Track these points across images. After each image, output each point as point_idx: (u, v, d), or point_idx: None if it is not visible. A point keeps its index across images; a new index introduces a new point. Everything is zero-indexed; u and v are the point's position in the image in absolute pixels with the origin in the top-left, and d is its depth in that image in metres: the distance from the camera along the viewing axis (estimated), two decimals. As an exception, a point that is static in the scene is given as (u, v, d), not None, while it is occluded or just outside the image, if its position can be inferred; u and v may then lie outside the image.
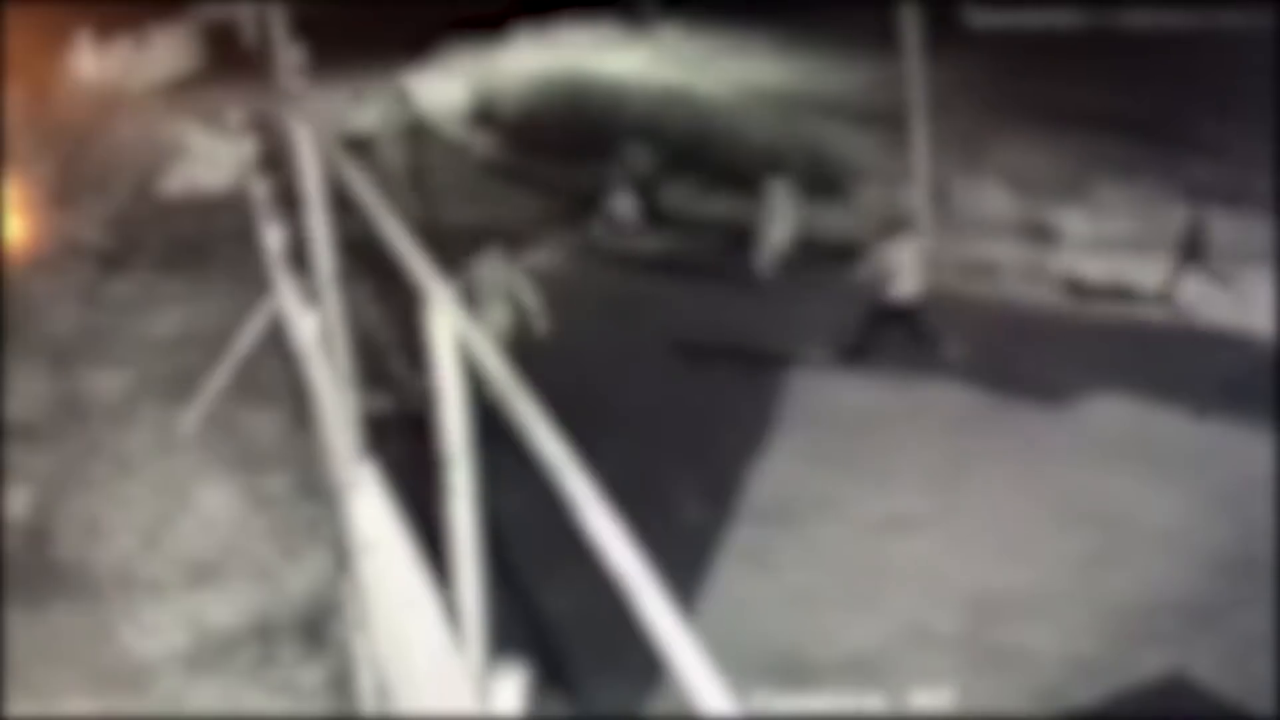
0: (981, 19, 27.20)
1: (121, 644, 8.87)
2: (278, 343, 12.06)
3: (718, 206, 19.89)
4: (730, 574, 10.18)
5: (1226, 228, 16.65)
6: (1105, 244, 17.17)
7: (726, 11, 28.09)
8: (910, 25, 17.54)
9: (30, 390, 12.69)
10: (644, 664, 2.93)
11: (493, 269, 14.27)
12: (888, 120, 19.71)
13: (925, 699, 8.85)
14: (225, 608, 9.14)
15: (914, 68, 17.62)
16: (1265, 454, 11.25)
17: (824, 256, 17.62)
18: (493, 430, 3.80)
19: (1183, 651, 9.22)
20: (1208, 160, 18.90)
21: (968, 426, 12.53)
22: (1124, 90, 21.00)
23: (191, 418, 11.74)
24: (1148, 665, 9.16)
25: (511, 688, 4.28)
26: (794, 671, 9.14)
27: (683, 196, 20.44)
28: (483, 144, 25.11)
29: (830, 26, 25.92)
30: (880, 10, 18.34)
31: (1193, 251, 16.65)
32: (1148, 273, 16.25)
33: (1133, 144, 19.73)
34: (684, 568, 9.64)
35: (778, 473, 11.76)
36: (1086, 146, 19.87)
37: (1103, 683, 9.02)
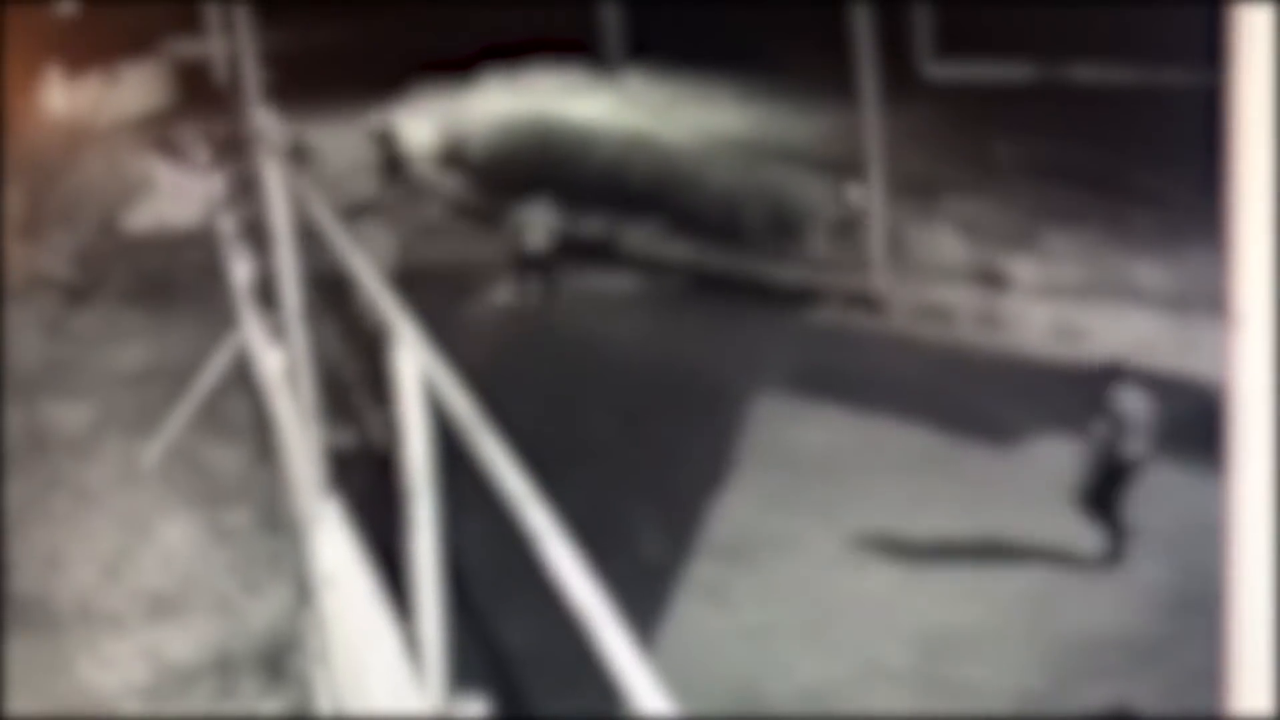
0: (937, 72, 27.53)
1: (80, 677, 8.80)
2: (242, 377, 12.01)
3: (678, 249, 19.96)
4: (688, 609, 10.19)
5: (1168, 274, 16.78)
6: (1053, 289, 17.27)
7: (691, 60, 28.25)
8: (868, 76, 17.64)
9: (-7, 421, 12.60)
10: (603, 696, 2.92)
11: None
12: (845, 168, 19.82)
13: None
14: (185, 641, 9.07)
15: (871, 118, 17.71)
16: (1206, 495, 11.29)
17: (780, 298, 17.68)
18: (456, 461, 3.79)
19: (1126, 685, 9.28)
20: (1150, 209, 19.08)
21: (920, 466, 12.56)
22: (1071, 142, 21.20)
23: (154, 451, 11.66)
24: (1092, 698, 9.22)
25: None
26: (750, 704, 9.15)
27: (645, 239, 20.49)
28: (451, 184, 25.12)
29: (791, 76, 26.11)
30: (839, 61, 18.45)
31: None
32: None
33: (1079, 194, 19.90)
34: (643, 603, 9.62)
35: (735, 510, 11.77)
36: (1035, 195, 20.03)
37: (1050, 715, 9.07)
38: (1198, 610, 9.79)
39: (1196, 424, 12.60)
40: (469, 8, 31.68)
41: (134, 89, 29.58)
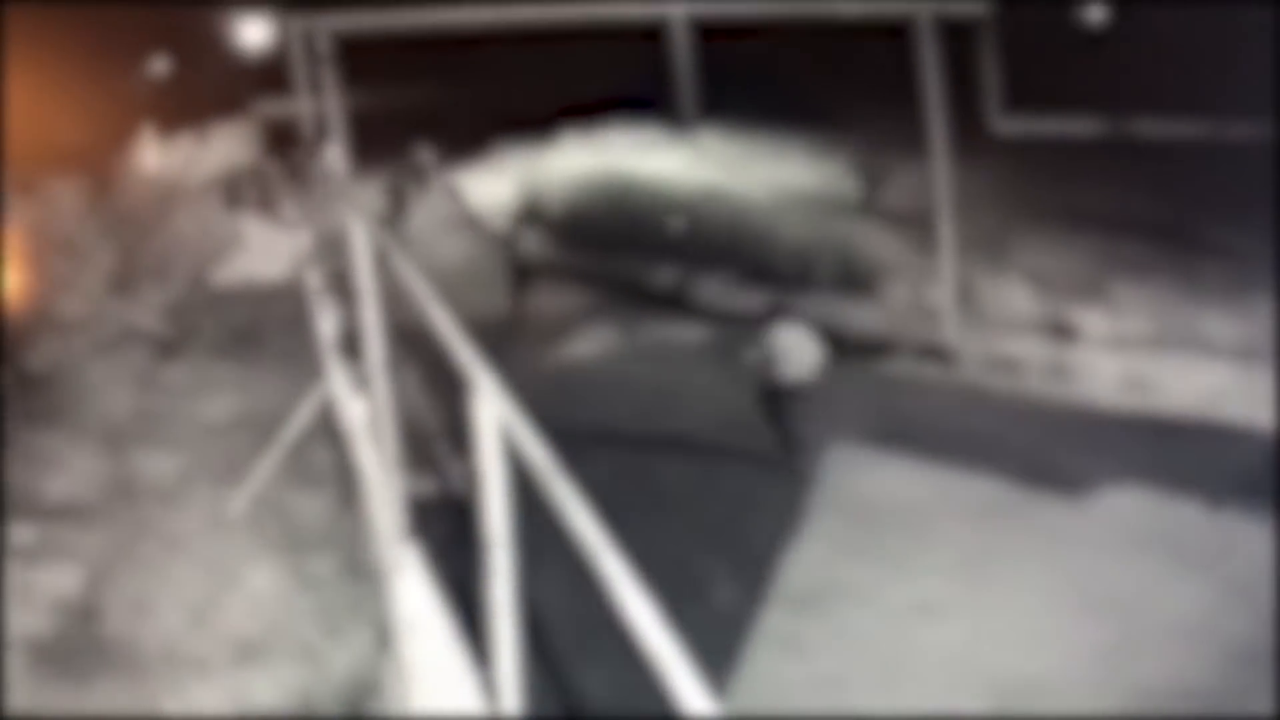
0: (1005, 126, 27.43)
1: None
2: (327, 427, 12.08)
3: (752, 300, 19.96)
4: (761, 658, 10.11)
5: (1237, 326, 16.61)
6: (1122, 341, 17.12)
7: (763, 116, 28.29)
8: (937, 132, 17.59)
9: (84, 471, 12.71)
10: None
11: None
12: (916, 221, 19.78)
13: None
14: (269, 685, 9.09)
15: (941, 172, 17.64)
16: (1276, 547, 11.19)
17: (854, 350, 17.62)
18: (534, 509, 3.78)
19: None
20: (1218, 262, 18.91)
21: (993, 516, 12.43)
22: (1139, 195, 21.05)
23: (241, 500, 11.73)
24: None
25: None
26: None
27: (718, 290, 20.52)
28: (529, 238, 25.26)
29: (861, 132, 26.07)
30: (909, 117, 18.43)
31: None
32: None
33: (1147, 246, 19.76)
34: (717, 650, 9.58)
35: (807, 559, 11.69)
36: (1104, 248, 19.89)
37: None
38: (1271, 661, 9.65)
39: (1267, 474, 12.50)
40: (548, 69, 31.94)
41: (223, 148, 29.95)
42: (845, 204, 23.34)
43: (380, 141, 23.41)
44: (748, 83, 29.23)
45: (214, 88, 29.98)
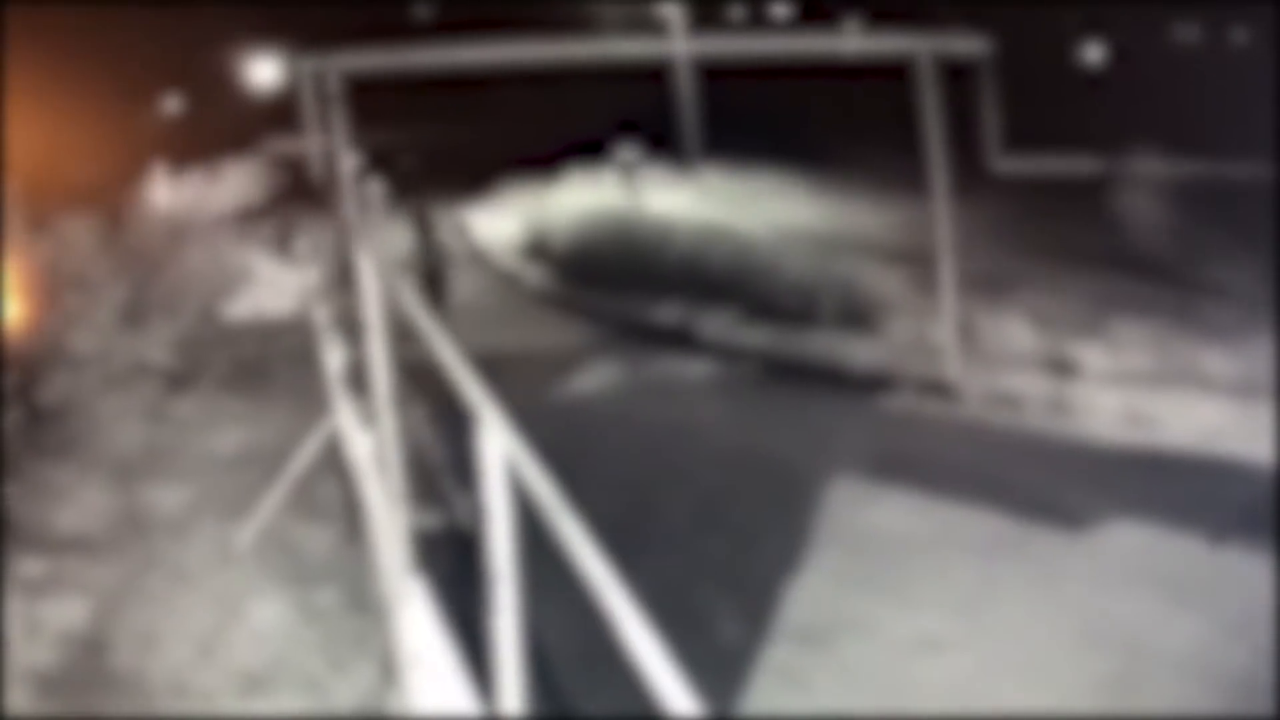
0: (1006, 165, 27.55)
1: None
2: (334, 462, 12.05)
3: (755, 335, 19.97)
4: (765, 692, 10.04)
5: (1235, 362, 16.59)
6: (1122, 377, 17.10)
7: (767, 155, 28.41)
8: (939, 170, 17.61)
9: (92, 504, 12.67)
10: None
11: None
12: (917, 258, 19.81)
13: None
14: (274, 717, 9.03)
15: (942, 210, 17.66)
16: (1276, 582, 11.13)
17: (854, 384, 17.63)
18: (539, 544, 3.75)
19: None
20: (1216, 299, 18.92)
21: (993, 551, 12.37)
22: (1138, 233, 21.09)
23: (248, 533, 11.68)
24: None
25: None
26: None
27: (722, 326, 20.53)
28: (535, 274, 25.31)
29: (863, 171, 26.17)
30: (910, 156, 18.47)
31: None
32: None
33: (1146, 284, 19.78)
34: (721, 685, 9.53)
35: (811, 593, 11.63)
36: (1103, 285, 19.90)
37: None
38: (1269, 696, 9.59)
39: (1267, 510, 12.46)
40: (554, 109, 32.16)
41: (233, 184, 30.04)
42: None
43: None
44: (750, 122, 29.34)
45: (225, 126, 30.09)
